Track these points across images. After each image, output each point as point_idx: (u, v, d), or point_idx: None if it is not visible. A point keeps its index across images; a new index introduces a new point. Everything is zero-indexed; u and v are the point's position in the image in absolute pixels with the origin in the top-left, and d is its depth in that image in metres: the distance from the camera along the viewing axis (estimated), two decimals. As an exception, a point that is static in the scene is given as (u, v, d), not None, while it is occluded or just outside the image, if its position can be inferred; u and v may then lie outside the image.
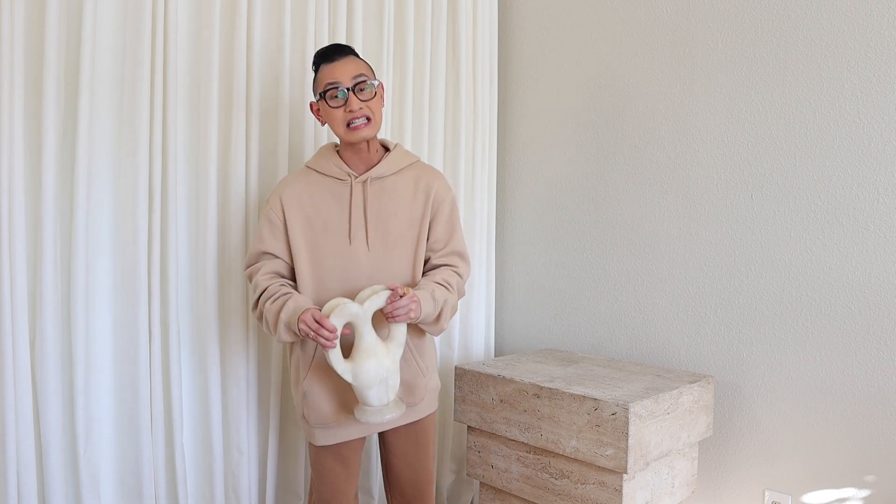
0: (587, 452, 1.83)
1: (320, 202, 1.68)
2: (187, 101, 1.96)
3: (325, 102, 1.65)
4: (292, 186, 1.70)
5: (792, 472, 2.05)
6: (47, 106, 1.66)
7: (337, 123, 1.65)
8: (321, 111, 1.70)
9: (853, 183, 1.93)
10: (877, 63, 1.89)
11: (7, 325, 1.61)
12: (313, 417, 1.69)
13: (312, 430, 1.71)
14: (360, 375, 1.54)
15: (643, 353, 2.39)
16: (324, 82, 1.64)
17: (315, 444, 1.71)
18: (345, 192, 1.68)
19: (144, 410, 1.84)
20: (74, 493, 1.78)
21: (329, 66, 1.65)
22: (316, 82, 1.70)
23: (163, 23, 1.83)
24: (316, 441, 1.71)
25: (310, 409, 1.69)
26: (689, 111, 2.24)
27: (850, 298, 1.94)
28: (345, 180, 1.69)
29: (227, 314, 2.00)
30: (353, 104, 1.62)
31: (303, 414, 1.72)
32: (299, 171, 1.74)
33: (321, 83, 1.66)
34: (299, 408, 1.73)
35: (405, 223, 1.70)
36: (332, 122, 1.66)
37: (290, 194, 1.68)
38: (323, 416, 1.68)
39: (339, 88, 1.63)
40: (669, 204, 2.30)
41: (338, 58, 1.65)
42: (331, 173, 1.69)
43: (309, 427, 1.72)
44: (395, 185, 1.71)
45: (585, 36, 2.52)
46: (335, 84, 1.63)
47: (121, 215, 1.82)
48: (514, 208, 2.76)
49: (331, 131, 2.24)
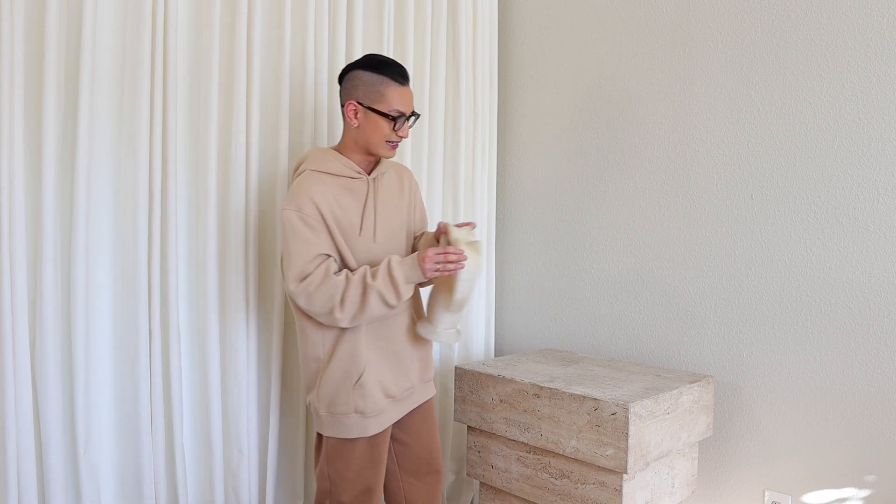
0: (587, 452, 1.83)
1: (342, 200, 1.72)
2: (187, 101, 1.96)
3: (381, 116, 1.69)
4: (316, 188, 1.68)
5: (792, 472, 2.05)
6: (47, 106, 1.66)
7: (379, 137, 1.72)
8: (363, 116, 1.71)
9: (853, 183, 1.93)
10: (877, 63, 1.89)
11: (7, 325, 1.61)
12: (370, 407, 1.72)
13: (366, 422, 1.72)
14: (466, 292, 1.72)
15: (643, 353, 2.39)
16: (393, 104, 1.70)
17: (367, 435, 1.72)
18: (361, 189, 1.75)
19: (144, 410, 1.84)
20: (74, 493, 1.78)
21: (402, 90, 1.72)
22: (375, 93, 1.70)
23: (163, 23, 1.83)
24: (368, 431, 1.73)
25: (367, 401, 1.72)
26: (689, 111, 2.24)
27: (850, 298, 1.94)
28: (359, 178, 1.75)
29: (227, 314, 2.00)
30: (404, 132, 1.74)
31: (355, 409, 1.71)
32: (310, 176, 1.70)
33: (388, 101, 1.70)
34: (349, 404, 1.71)
35: (399, 214, 1.83)
36: (373, 133, 1.72)
37: (318, 197, 1.67)
38: (378, 402, 1.74)
39: (404, 117, 1.73)
40: (669, 204, 2.30)
41: (406, 83, 1.74)
42: (344, 173, 1.73)
43: (364, 420, 1.72)
44: (388, 182, 1.83)
45: (585, 36, 2.52)
46: (403, 112, 1.72)
47: (121, 215, 1.82)
48: (514, 208, 2.76)
49: (325, 131, 2.24)
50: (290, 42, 2.10)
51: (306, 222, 1.64)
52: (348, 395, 1.71)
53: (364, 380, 1.72)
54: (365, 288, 1.64)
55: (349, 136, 1.76)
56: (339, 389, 1.72)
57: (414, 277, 1.66)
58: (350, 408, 1.72)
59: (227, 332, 2.01)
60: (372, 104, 1.70)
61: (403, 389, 1.81)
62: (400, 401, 1.81)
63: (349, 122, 1.73)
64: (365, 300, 1.64)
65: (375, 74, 1.70)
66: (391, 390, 1.77)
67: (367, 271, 1.66)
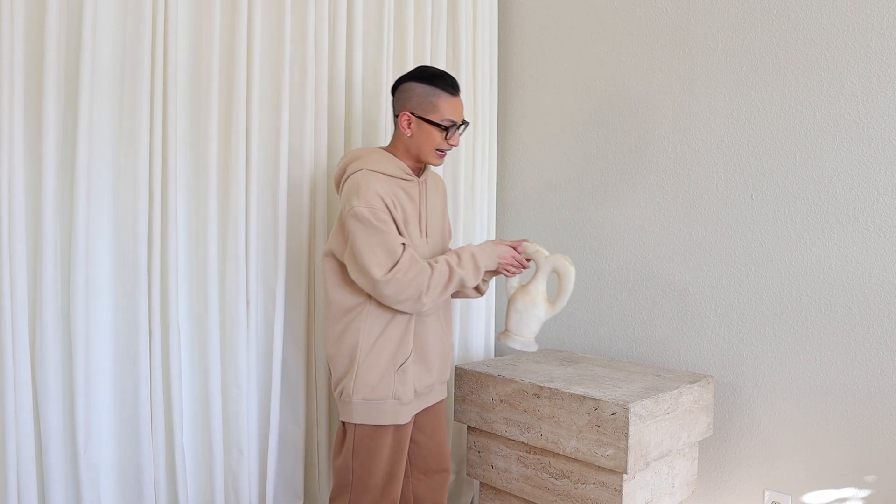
0: (587, 452, 1.83)
1: (401, 200, 1.78)
2: (187, 101, 1.96)
3: (433, 126, 1.77)
4: (379, 185, 1.73)
5: (792, 472, 2.05)
6: (47, 106, 1.66)
7: (431, 146, 1.80)
8: (416, 126, 1.79)
9: (853, 183, 1.93)
10: (877, 63, 1.89)
11: (7, 325, 1.61)
12: (406, 395, 1.79)
13: (400, 410, 1.79)
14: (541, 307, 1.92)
15: (643, 353, 2.39)
16: (446, 114, 1.78)
17: (399, 422, 1.79)
18: (414, 191, 1.83)
19: (144, 410, 1.84)
20: (74, 493, 1.78)
21: (454, 100, 1.80)
22: (429, 104, 1.78)
23: (163, 23, 1.83)
24: (401, 419, 1.79)
25: (406, 387, 1.79)
26: (689, 111, 2.24)
27: (850, 298, 1.94)
28: (412, 180, 1.83)
29: (228, 314, 2.00)
30: (455, 140, 1.82)
31: (393, 394, 1.77)
32: (369, 175, 1.74)
33: (441, 111, 1.78)
34: (388, 390, 1.77)
35: (439, 219, 1.95)
36: (427, 143, 1.80)
37: (383, 193, 1.73)
38: (410, 391, 1.81)
39: (455, 126, 1.81)
40: (669, 204, 2.30)
41: (458, 94, 1.82)
42: (398, 175, 1.79)
43: (399, 406, 1.79)
44: (433, 185, 1.94)
45: (585, 36, 2.52)
46: (454, 122, 1.80)
47: (121, 215, 1.82)
48: (514, 208, 2.76)
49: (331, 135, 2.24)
50: (290, 42, 2.10)
51: (379, 217, 1.70)
52: (390, 380, 1.77)
53: (407, 366, 1.80)
54: (451, 273, 1.76)
55: (401, 142, 1.84)
56: (384, 374, 1.78)
57: (490, 265, 1.84)
58: (388, 393, 1.78)
59: (227, 332, 2.01)
60: (424, 114, 1.78)
61: (425, 385, 1.87)
62: (421, 395, 1.87)
63: (402, 131, 1.81)
64: (449, 285, 1.76)
65: (428, 86, 1.78)
66: (416, 384, 1.84)
67: (451, 258, 1.79)
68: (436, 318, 1.89)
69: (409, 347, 1.81)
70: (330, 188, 2.24)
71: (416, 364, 1.84)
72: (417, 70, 1.81)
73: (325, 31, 2.18)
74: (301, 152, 2.14)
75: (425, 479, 1.98)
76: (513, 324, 1.95)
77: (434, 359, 1.89)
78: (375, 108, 2.33)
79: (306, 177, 2.14)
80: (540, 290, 1.92)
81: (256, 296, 2.07)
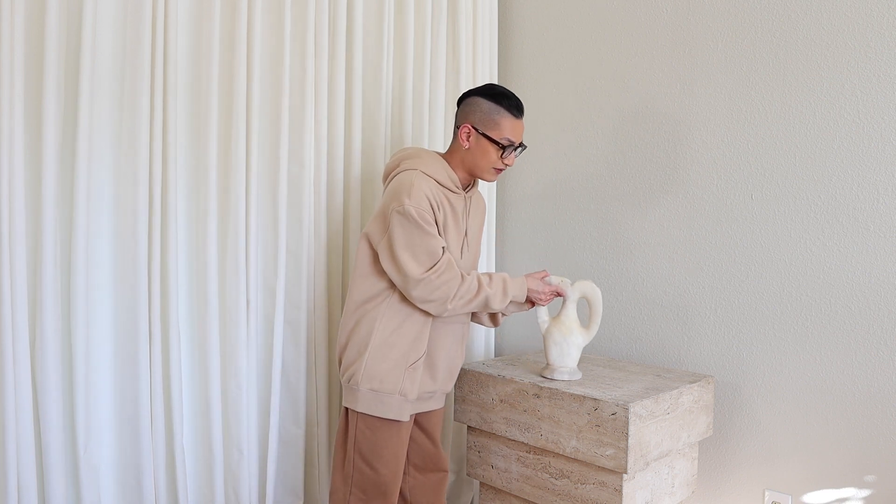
0: (587, 452, 1.83)
1: (444, 207, 1.81)
2: (187, 101, 1.96)
3: (491, 143, 1.81)
4: (429, 190, 1.76)
5: (792, 472, 2.05)
6: (47, 106, 1.66)
7: (486, 163, 1.84)
8: (474, 140, 1.83)
9: (853, 183, 1.93)
10: (877, 63, 1.89)
11: (7, 325, 1.61)
12: (413, 393, 1.83)
13: (405, 406, 1.82)
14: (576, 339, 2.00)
15: (643, 353, 2.39)
16: (507, 134, 1.82)
17: (402, 419, 1.81)
18: (460, 204, 1.87)
19: (144, 410, 1.84)
20: (74, 493, 1.78)
21: (516, 122, 1.84)
22: (493, 122, 1.81)
23: (163, 23, 1.83)
24: (404, 416, 1.82)
25: (413, 385, 1.83)
26: (689, 111, 2.24)
27: (850, 298, 1.94)
28: (459, 193, 1.87)
29: (228, 314, 2.00)
30: (510, 160, 1.85)
31: (401, 391, 1.80)
32: (421, 176, 1.77)
33: (504, 130, 1.81)
34: (397, 385, 1.79)
35: (478, 236, 2.00)
36: (483, 158, 1.83)
37: (432, 198, 1.76)
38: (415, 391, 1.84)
39: (514, 147, 1.84)
40: (669, 204, 2.30)
41: (521, 117, 1.86)
42: (447, 185, 1.83)
43: (405, 403, 1.81)
44: (476, 203, 1.98)
45: (585, 36, 2.52)
46: (512, 142, 1.83)
47: (121, 215, 1.82)
48: (514, 208, 2.76)
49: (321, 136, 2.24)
50: (290, 42, 2.10)
51: (425, 219, 1.74)
52: (400, 376, 1.80)
53: (418, 365, 1.83)
54: (480, 289, 1.80)
55: (458, 153, 1.87)
56: (393, 368, 1.80)
57: (519, 297, 1.89)
58: (396, 388, 1.80)
59: (227, 332, 2.01)
60: (485, 130, 1.81)
61: (427, 391, 1.89)
62: (421, 400, 1.90)
63: (461, 142, 1.84)
64: (475, 300, 1.79)
65: (493, 104, 1.82)
66: (420, 387, 1.87)
67: (483, 276, 1.83)
68: (451, 332, 1.91)
69: (423, 349, 1.83)
70: (330, 187, 2.24)
71: (423, 367, 1.87)
72: (486, 87, 1.85)
73: (325, 30, 2.18)
74: (301, 153, 2.14)
75: (422, 479, 2.00)
76: (554, 357, 2.01)
77: (441, 369, 1.91)
78: (376, 107, 2.33)
79: (306, 177, 2.14)
80: (572, 318, 1.99)
81: (256, 296, 2.07)
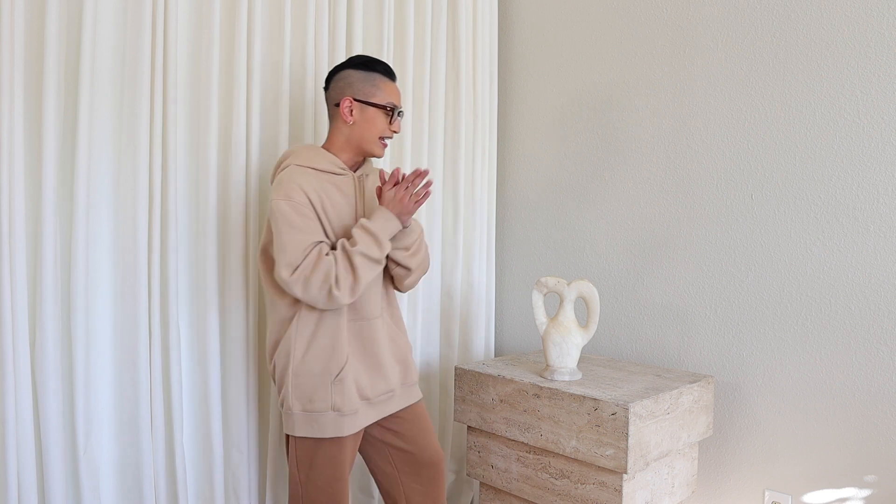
0: (587, 452, 1.83)
1: (332, 196, 1.73)
2: (187, 101, 1.96)
3: (381, 113, 1.76)
4: (304, 179, 1.68)
5: (792, 472, 2.05)
6: (47, 106, 1.66)
7: (375, 132, 1.77)
8: (358, 112, 1.76)
9: (853, 183, 1.93)
10: (877, 63, 1.89)
11: (7, 325, 1.61)
12: (347, 406, 1.71)
13: (342, 421, 1.70)
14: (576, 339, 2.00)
15: (643, 353, 2.39)
16: (387, 98, 1.77)
17: (341, 434, 1.70)
18: (349, 186, 1.78)
19: (144, 410, 1.84)
20: (74, 493, 1.78)
21: (393, 85, 1.80)
22: (369, 87, 1.76)
23: (163, 22, 1.83)
24: (343, 431, 1.70)
25: (345, 398, 1.70)
26: (689, 111, 2.24)
27: (850, 298, 1.94)
28: (345, 175, 1.77)
29: (227, 314, 2.00)
30: (397, 126, 1.80)
31: (332, 406, 1.69)
32: (295, 169, 1.71)
33: (383, 94, 1.77)
34: (326, 400, 1.69)
35: None
36: (370, 129, 1.77)
37: (307, 187, 1.68)
38: (353, 401, 1.72)
39: (398, 110, 1.79)
40: (669, 204, 2.30)
41: (395, 80, 1.82)
42: (329, 169, 1.75)
43: (341, 418, 1.70)
44: (373, 184, 1.87)
45: (586, 36, 2.52)
46: (396, 106, 1.78)
47: (121, 215, 1.82)
48: (514, 208, 2.76)
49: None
50: (290, 41, 2.10)
51: (298, 211, 1.65)
52: (326, 392, 1.69)
53: (343, 375, 1.70)
54: (349, 255, 1.64)
55: (340, 134, 1.79)
56: (318, 385, 1.70)
57: (391, 226, 1.68)
58: (327, 405, 1.70)
59: (227, 332, 2.01)
60: (367, 98, 1.75)
61: (380, 392, 1.79)
62: (375, 404, 1.79)
63: (344, 119, 1.76)
64: (353, 267, 1.63)
65: (367, 72, 1.77)
66: (366, 391, 1.76)
67: (344, 241, 1.67)
68: (382, 320, 1.81)
69: (343, 358, 1.71)
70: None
71: (366, 371, 1.76)
72: (353, 58, 1.79)
73: (324, 30, 2.18)
74: (301, 152, 2.14)
75: (417, 487, 1.89)
76: (553, 358, 2.01)
77: (388, 364, 1.81)
78: (375, 108, 2.33)
79: (306, 177, 2.14)
80: (570, 318, 2.00)
81: (256, 295, 2.07)
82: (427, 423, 1.92)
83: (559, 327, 1.99)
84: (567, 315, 2.00)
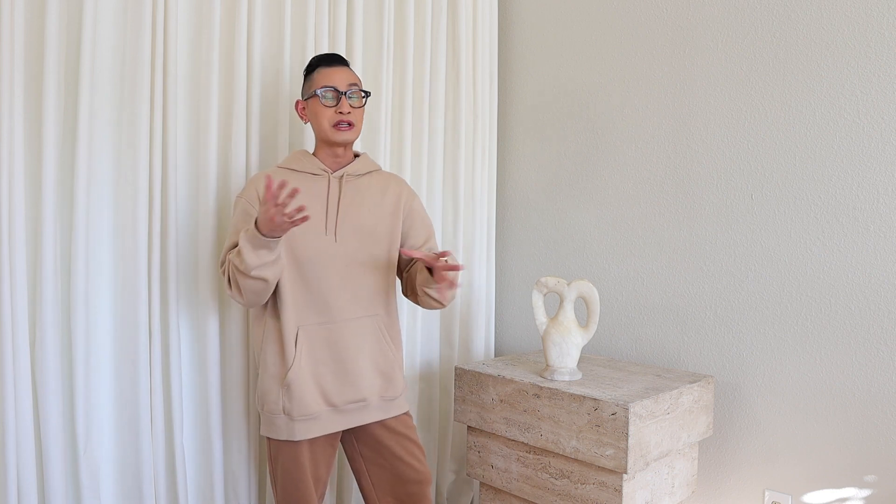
0: (587, 452, 1.83)
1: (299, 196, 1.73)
2: (187, 101, 1.96)
3: (318, 101, 1.75)
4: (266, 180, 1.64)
5: (792, 472, 2.06)
6: (47, 106, 1.66)
7: (324, 122, 1.76)
8: (307, 110, 1.80)
9: (853, 183, 1.93)
10: (877, 63, 1.89)
11: (7, 325, 1.61)
12: (297, 410, 1.69)
13: (293, 426, 1.69)
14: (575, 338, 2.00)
15: (643, 353, 2.39)
16: (320, 83, 1.75)
17: (294, 439, 1.69)
18: (321, 186, 1.77)
19: (144, 410, 1.84)
20: (74, 493, 1.78)
21: (327, 69, 1.77)
22: (309, 82, 1.80)
23: (163, 22, 1.83)
24: (295, 436, 1.69)
25: (293, 402, 1.68)
26: (689, 111, 2.24)
27: (850, 298, 1.94)
28: (321, 175, 1.78)
29: (227, 314, 2.00)
30: (343, 107, 1.75)
31: (283, 409, 1.69)
32: (270, 170, 1.80)
33: (316, 83, 1.77)
34: (277, 402, 1.69)
35: (376, 217, 1.81)
36: (319, 120, 1.76)
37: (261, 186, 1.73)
38: (309, 406, 1.70)
39: (334, 90, 1.75)
40: (669, 204, 2.30)
41: (336, 65, 1.78)
42: (306, 170, 1.77)
43: (291, 423, 1.69)
44: (367, 183, 1.84)
45: (586, 36, 2.52)
46: (331, 86, 1.75)
47: (121, 215, 1.82)
48: (514, 208, 2.76)
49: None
50: (290, 42, 2.10)
51: (246, 210, 1.71)
52: (277, 394, 1.70)
53: (290, 379, 1.68)
54: (229, 262, 1.63)
55: (315, 136, 1.82)
56: (271, 387, 1.71)
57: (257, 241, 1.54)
58: (279, 407, 1.70)
59: (226, 332, 2.01)
60: (307, 93, 1.79)
61: (349, 401, 1.74)
62: (344, 411, 1.74)
63: (303, 121, 1.83)
64: (239, 274, 1.60)
65: (306, 73, 1.82)
66: (332, 398, 1.72)
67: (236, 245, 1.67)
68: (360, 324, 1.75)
69: (289, 361, 1.68)
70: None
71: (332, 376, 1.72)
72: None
73: (324, 30, 2.18)
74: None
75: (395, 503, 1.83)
76: (553, 358, 2.01)
77: (362, 371, 1.75)
78: (375, 107, 2.33)
79: (306, 177, 2.14)
80: (570, 318, 2.00)
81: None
82: (410, 441, 1.84)
83: (559, 327, 1.99)
84: (567, 315, 2.00)
